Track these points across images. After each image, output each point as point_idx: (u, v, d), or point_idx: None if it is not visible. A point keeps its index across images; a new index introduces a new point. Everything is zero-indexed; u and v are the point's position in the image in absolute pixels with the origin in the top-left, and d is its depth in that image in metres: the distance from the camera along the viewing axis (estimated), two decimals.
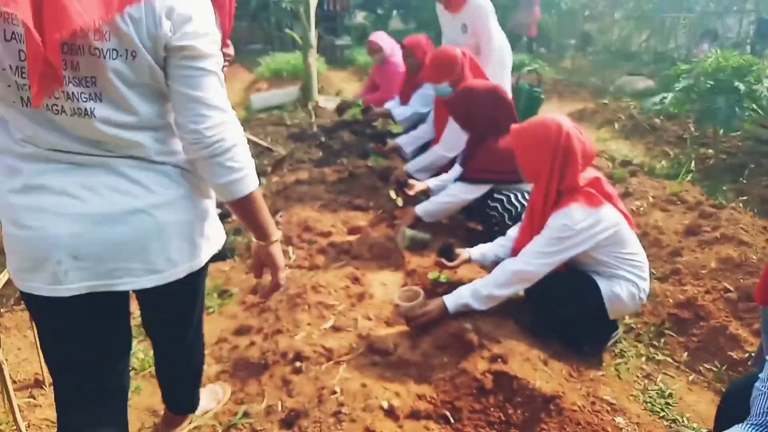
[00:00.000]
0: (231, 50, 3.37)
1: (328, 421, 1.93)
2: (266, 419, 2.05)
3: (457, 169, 3.60)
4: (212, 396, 2.24)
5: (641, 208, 3.98)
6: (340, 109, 5.93)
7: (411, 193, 3.52)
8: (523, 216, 2.81)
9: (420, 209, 3.42)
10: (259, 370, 2.38)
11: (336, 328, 2.58)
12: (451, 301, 2.47)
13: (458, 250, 2.78)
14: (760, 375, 1.59)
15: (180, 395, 2.00)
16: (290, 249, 3.41)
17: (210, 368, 2.48)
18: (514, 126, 2.59)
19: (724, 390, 2.49)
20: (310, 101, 6.78)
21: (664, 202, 4.07)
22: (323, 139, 5.46)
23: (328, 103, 6.96)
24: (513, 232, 2.87)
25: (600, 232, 2.40)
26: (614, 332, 2.79)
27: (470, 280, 2.65)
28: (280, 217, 3.83)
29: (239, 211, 1.48)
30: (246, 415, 2.11)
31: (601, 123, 7.13)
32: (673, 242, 3.47)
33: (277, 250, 1.58)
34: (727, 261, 3.10)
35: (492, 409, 2.09)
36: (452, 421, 2.07)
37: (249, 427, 2.05)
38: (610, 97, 8.38)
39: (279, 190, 4.32)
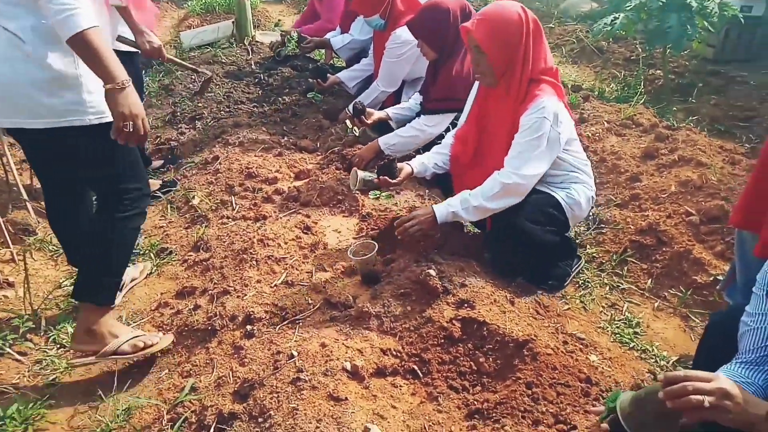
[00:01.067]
0: None
1: (287, 390, 1.75)
2: (217, 393, 1.85)
3: (417, 97, 3.37)
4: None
5: (597, 134, 3.87)
6: (275, 47, 5.49)
7: (369, 121, 3.28)
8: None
9: (383, 143, 3.18)
10: (206, 337, 2.16)
11: (289, 284, 2.37)
12: (440, 210, 2.36)
13: (399, 165, 2.65)
14: (746, 308, 1.49)
15: (80, 278, 2.11)
16: (232, 199, 3.13)
17: None
18: (474, 19, 2.36)
19: (690, 315, 2.47)
20: (246, 36, 6.25)
21: (619, 126, 3.97)
22: (262, 76, 5.05)
23: (265, 37, 6.46)
24: (450, 138, 2.74)
25: (567, 125, 2.32)
26: (577, 262, 2.71)
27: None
28: (220, 164, 3.51)
29: (79, 53, 1.70)
30: (194, 389, 1.91)
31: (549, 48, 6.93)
32: (631, 167, 3.39)
33: (121, 97, 1.71)
34: (686, 184, 3.04)
35: (462, 358, 1.96)
36: (421, 375, 1.94)
37: (198, 403, 1.84)
38: (555, 21, 8.15)
39: (216, 135, 3.95)
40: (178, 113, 4.49)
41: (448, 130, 3.10)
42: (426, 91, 3.22)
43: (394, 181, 2.60)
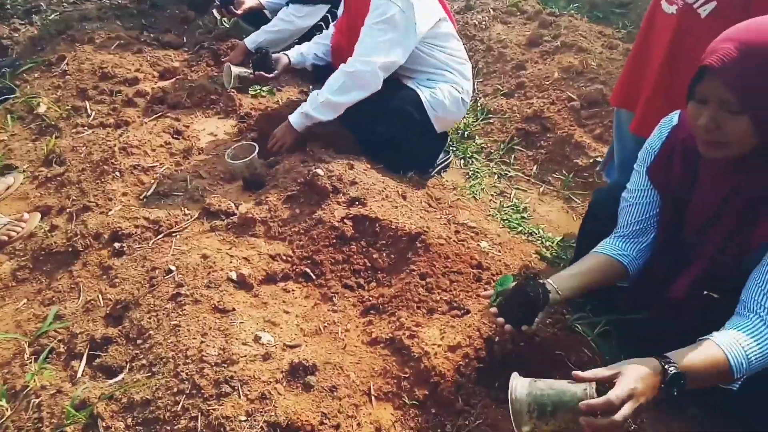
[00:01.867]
0: None
1: (166, 307, 1.59)
2: (86, 319, 1.65)
3: None
4: None
5: (483, 22, 3.77)
6: None
7: (239, 11, 2.93)
8: None
9: (250, 42, 2.88)
10: (68, 260, 1.90)
11: (161, 194, 2.13)
12: (294, 117, 2.27)
13: (276, 56, 2.49)
14: (627, 185, 1.52)
15: None
16: (86, 104, 2.72)
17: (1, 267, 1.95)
18: None
19: (572, 197, 2.57)
20: None
21: (504, 14, 3.89)
22: None
23: None
24: (332, 29, 2.62)
25: (426, 11, 2.20)
26: (444, 158, 2.68)
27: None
28: (67, 65, 3.01)
29: None
30: (58, 318, 1.69)
31: None
32: (516, 55, 3.36)
33: None
34: (568, 70, 3.06)
35: (355, 257, 1.90)
36: (314, 277, 1.85)
37: (66, 332, 1.63)
38: None
39: (60, 31, 3.37)
40: (8, 5, 3.76)
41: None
42: None
43: (271, 75, 2.37)
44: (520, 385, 1.11)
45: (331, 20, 2.82)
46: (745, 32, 1.13)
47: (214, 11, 3.32)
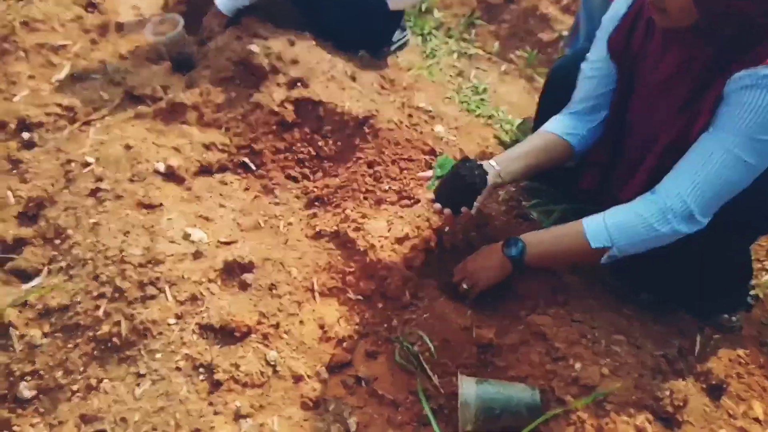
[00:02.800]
0: None
1: (85, 204, 1.43)
2: None
3: None
4: None
5: None
6: None
7: None
8: None
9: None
10: None
11: (76, 77, 1.88)
12: None
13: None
14: (587, 55, 1.37)
15: None
16: None
17: None
18: None
19: (535, 75, 2.40)
20: None
21: None
22: None
23: None
24: None
25: None
26: (402, 36, 2.43)
27: None
28: None
29: None
30: None
31: None
32: None
33: None
34: None
35: (298, 144, 1.74)
36: (253, 167, 1.70)
37: None
38: None
39: None
40: None
41: None
42: None
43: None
44: (467, 386, 1.10)
45: None
46: None
47: None
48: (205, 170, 1.66)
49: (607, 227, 1.16)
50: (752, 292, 1.48)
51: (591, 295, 1.37)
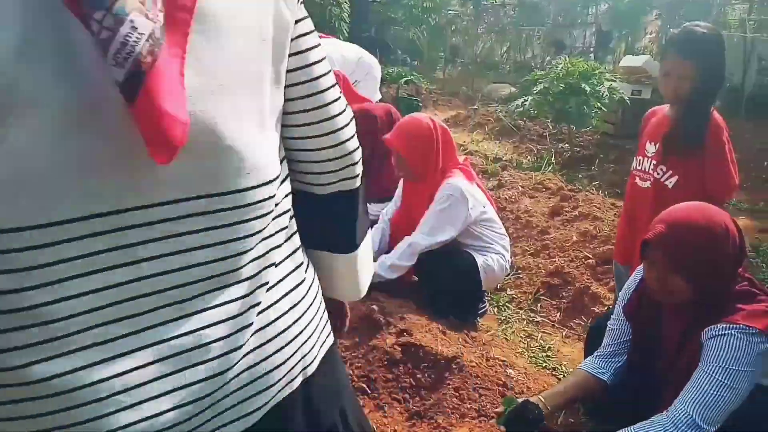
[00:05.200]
0: None
1: None
2: None
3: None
4: None
5: (513, 197, 4.49)
6: None
7: None
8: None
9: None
10: None
11: None
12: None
13: None
14: (612, 315, 1.99)
15: None
16: None
17: None
18: (394, 131, 2.88)
19: None
20: None
21: (531, 190, 4.62)
22: None
23: None
24: (389, 214, 3.21)
25: (475, 205, 2.82)
26: (482, 306, 3.16)
27: None
28: None
29: None
30: None
31: (474, 126, 7.79)
32: (540, 223, 3.98)
33: None
34: (585, 234, 3.63)
35: (403, 376, 2.33)
36: (369, 391, 2.28)
37: None
38: (479, 104, 9.15)
39: None
40: None
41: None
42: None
43: None
44: None
45: None
46: (670, 215, 1.68)
47: None
48: None
49: None
50: None
51: None
